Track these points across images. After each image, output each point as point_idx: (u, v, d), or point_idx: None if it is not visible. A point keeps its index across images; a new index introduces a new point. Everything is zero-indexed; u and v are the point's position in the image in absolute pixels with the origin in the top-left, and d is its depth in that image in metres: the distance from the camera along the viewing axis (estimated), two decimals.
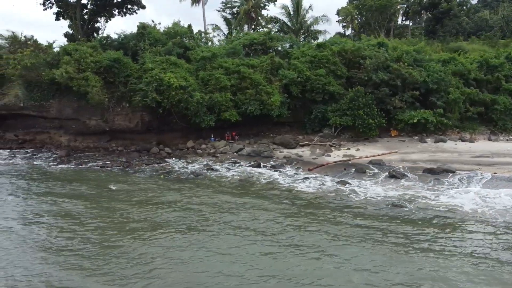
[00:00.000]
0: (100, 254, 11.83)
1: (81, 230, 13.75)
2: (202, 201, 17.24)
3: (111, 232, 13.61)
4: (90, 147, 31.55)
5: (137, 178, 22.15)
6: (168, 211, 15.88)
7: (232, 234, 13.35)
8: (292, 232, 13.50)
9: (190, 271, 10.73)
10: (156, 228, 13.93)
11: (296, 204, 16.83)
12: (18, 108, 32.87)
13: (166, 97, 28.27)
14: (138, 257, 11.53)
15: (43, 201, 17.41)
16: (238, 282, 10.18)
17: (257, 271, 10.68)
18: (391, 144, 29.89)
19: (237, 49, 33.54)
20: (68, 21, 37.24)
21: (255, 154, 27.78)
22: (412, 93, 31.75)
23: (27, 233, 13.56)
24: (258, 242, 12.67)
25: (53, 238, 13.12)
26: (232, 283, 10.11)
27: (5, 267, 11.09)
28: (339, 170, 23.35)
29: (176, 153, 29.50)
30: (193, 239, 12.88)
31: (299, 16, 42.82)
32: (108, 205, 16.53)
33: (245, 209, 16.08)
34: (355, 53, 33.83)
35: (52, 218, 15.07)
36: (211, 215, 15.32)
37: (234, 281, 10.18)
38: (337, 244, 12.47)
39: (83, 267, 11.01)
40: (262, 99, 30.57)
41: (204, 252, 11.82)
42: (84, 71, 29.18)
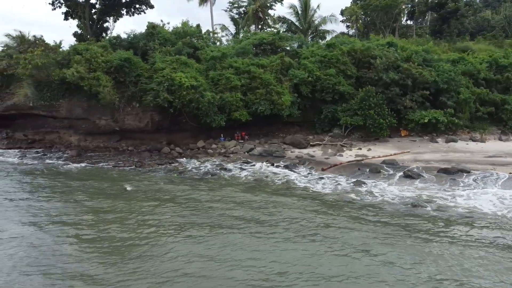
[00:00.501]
0: (132, 254, 11.85)
1: (107, 230, 13.76)
2: (224, 201, 17.26)
3: (139, 232, 13.59)
4: (100, 147, 31.50)
5: (152, 178, 22.14)
6: (194, 210, 15.88)
7: (263, 232, 13.43)
8: (321, 231, 13.60)
9: (235, 270, 10.82)
10: (185, 227, 13.94)
11: (317, 204, 16.80)
12: (28, 108, 32.81)
13: (177, 97, 28.23)
14: (172, 257, 11.55)
15: (66, 200, 17.47)
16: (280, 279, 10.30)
17: (297, 267, 10.84)
18: (402, 144, 29.83)
19: (247, 49, 33.51)
20: (77, 20, 37.18)
21: (267, 154, 27.74)
22: (423, 93, 31.69)
23: (56, 232, 13.63)
24: (290, 240, 12.80)
25: (81, 239, 13.12)
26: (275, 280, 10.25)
27: (35, 263, 11.15)
28: (353, 170, 23.33)
29: (187, 153, 29.46)
30: (228, 238, 12.94)
31: (307, 16, 42.77)
32: (129, 205, 16.48)
33: (267, 208, 16.11)
34: (364, 52, 33.76)
35: (75, 218, 15.07)
36: (236, 214, 15.36)
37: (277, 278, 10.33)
38: (367, 242, 12.57)
39: (117, 266, 11.06)
40: (273, 99, 30.53)
41: (242, 252, 11.89)
42: (95, 71, 29.13)
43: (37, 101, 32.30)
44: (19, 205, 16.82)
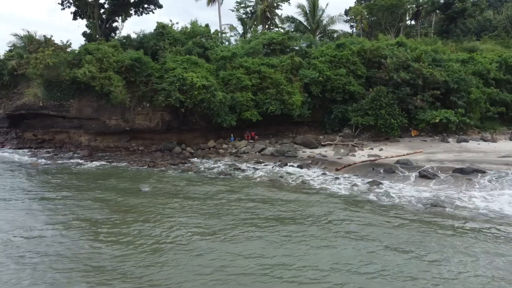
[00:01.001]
0: (169, 253, 11.88)
1: (136, 229, 13.79)
2: (245, 200, 17.33)
3: (169, 231, 13.62)
4: (110, 146, 31.47)
5: (169, 177, 22.11)
6: (218, 210, 15.93)
7: (292, 232, 13.53)
8: (350, 231, 13.71)
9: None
10: (214, 227, 13.94)
11: (338, 205, 16.74)
12: (38, 107, 32.77)
13: (188, 97, 28.19)
14: (216, 258, 11.55)
15: (90, 199, 17.47)
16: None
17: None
18: (413, 144, 29.78)
19: (257, 49, 33.46)
20: (85, 20, 37.12)
21: (279, 154, 27.69)
22: (433, 93, 31.66)
23: (86, 231, 13.68)
24: (320, 238, 12.98)
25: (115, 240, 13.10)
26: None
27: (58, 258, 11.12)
28: (367, 170, 23.27)
29: (198, 152, 29.44)
30: (260, 239, 12.98)
31: (315, 16, 42.72)
32: (153, 205, 16.48)
33: (290, 209, 16.13)
34: (374, 52, 33.77)
35: (102, 217, 15.07)
36: (260, 215, 15.38)
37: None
38: (402, 240, 12.81)
39: (161, 263, 11.09)
40: (283, 98, 30.53)
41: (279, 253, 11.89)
42: (106, 71, 29.07)
43: (47, 101, 32.27)
44: (45, 204, 16.89)
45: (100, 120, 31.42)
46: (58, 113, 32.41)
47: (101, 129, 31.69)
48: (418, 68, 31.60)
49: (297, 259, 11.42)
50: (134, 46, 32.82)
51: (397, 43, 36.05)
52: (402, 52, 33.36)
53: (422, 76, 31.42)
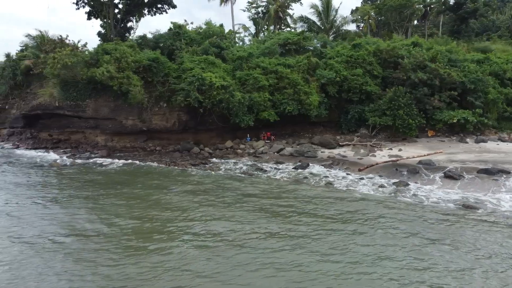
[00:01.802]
0: (208, 255, 11.78)
1: (174, 230, 13.76)
2: (276, 201, 17.16)
3: (210, 231, 13.56)
4: (127, 147, 31.42)
5: (193, 177, 22.00)
6: (254, 211, 15.80)
7: (336, 232, 13.52)
8: (388, 232, 13.60)
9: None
10: (256, 229, 13.85)
11: (369, 207, 16.65)
12: (53, 107, 32.71)
13: (207, 97, 28.14)
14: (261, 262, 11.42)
15: (125, 198, 17.40)
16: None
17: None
18: (431, 144, 29.72)
19: (273, 49, 33.42)
20: (99, 20, 37.09)
21: (298, 154, 27.64)
22: (451, 93, 31.61)
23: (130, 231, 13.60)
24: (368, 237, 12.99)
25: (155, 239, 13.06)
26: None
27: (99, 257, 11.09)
28: (390, 171, 23.22)
29: (216, 153, 29.39)
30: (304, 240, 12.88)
31: (329, 16, 42.68)
32: (186, 205, 16.40)
33: (325, 210, 16.00)
34: (390, 52, 33.70)
35: (141, 217, 15.02)
36: (308, 215, 15.36)
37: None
38: (445, 243, 12.72)
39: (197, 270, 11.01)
40: (301, 99, 30.49)
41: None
42: (124, 71, 29.01)
43: (63, 100, 32.22)
44: (86, 203, 16.96)
45: (117, 120, 31.36)
46: (74, 113, 32.33)
47: (118, 129, 31.62)
48: (435, 69, 31.54)
49: (370, 261, 11.40)
50: (150, 46, 32.76)
51: (412, 43, 35.98)
52: (419, 52, 33.29)
53: (439, 76, 31.36)
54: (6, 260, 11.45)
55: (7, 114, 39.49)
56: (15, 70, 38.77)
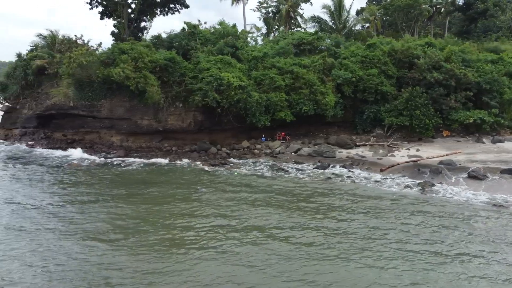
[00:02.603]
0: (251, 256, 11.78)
1: (213, 230, 13.71)
2: (309, 201, 17.24)
3: (255, 231, 13.63)
4: (142, 147, 31.29)
5: (217, 178, 21.94)
6: (290, 211, 15.87)
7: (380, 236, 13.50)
8: (431, 232, 13.73)
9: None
10: (297, 230, 13.91)
11: (403, 207, 16.68)
12: (68, 107, 32.56)
13: (225, 97, 28.06)
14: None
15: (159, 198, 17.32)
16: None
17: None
18: (448, 144, 29.73)
19: (287, 49, 33.37)
20: (112, 20, 36.99)
21: (317, 154, 27.59)
22: (466, 94, 31.63)
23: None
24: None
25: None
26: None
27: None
28: (413, 171, 23.22)
29: (233, 153, 29.30)
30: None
31: (341, 16, 42.68)
32: (221, 205, 16.41)
33: (359, 211, 15.99)
34: (405, 52, 33.68)
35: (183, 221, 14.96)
36: (328, 215, 15.31)
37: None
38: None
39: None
40: (317, 99, 30.43)
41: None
42: (141, 70, 28.91)
43: (77, 100, 32.06)
44: (115, 204, 16.98)
45: (132, 120, 31.22)
46: (88, 113, 32.19)
47: (133, 129, 31.49)
48: (451, 69, 31.56)
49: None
50: (164, 46, 32.66)
51: (426, 43, 35.98)
52: (434, 52, 33.29)
53: (455, 76, 31.38)
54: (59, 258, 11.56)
55: (18, 114, 39.31)
56: (26, 70, 38.61)
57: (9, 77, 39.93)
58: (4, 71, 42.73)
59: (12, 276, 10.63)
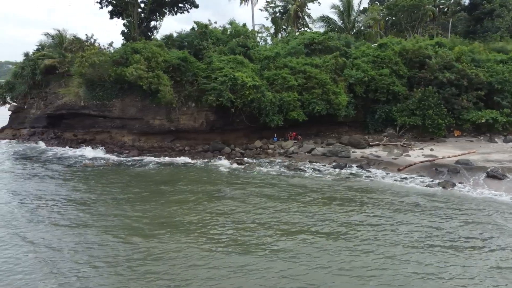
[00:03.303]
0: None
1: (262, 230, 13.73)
2: (336, 201, 17.22)
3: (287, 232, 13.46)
4: (154, 147, 31.16)
5: (239, 177, 21.87)
6: (319, 211, 15.82)
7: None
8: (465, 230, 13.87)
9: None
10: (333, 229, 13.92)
11: (431, 206, 16.73)
12: (79, 107, 32.44)
13: (239, 97, 28.01)
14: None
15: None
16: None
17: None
18: (461, 144, 29.75)
19: (298, 49, 33.35)
20: (121, 19, 36.85)
21: (331, 154, 27.56)
22: (478, 93, 31.71)
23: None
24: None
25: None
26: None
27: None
28: (430, 171, 23.23)
29: (247, 152, 29.22)
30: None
31: (350, 16, 42.73)
32: (249, 206, 16.37)
33: (385, 210, 15.98)
34: (416, 52, 33.72)
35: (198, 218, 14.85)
36: (359, 215, 15.34)
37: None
38: None
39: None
40: (329, 98, 30.42)
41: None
42: (154, 70, 28.80)
43: (88, 100, 31.96)
44: (139, 205, 16.83)
45: (144, 120, 31.11)
46: (100, 113, 32.07)
47: (145, 129, 31.37)
48: (463, 69, 31.62)
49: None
50: (175, 45, 32.56)
51: (437, 43, 36.05)
52: (445, 52, 33.35)
53: (467, 76, 31.45)
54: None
55: (26, 114, 39.15)
56: (34, 70, 38.43)
57: (17, 76, 39.77)
58: (10, 70, 42.54)
59: (62, 268, 10.92)
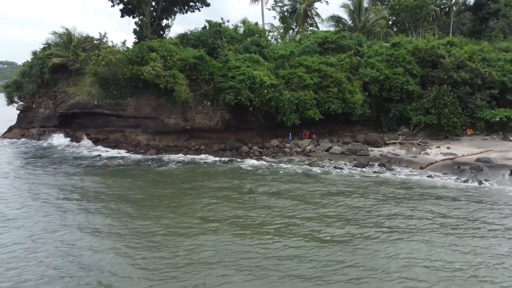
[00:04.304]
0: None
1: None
2: (377, 200, 17.19)
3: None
4: (170, 146, 30.91)
5: (263, 176, 21.82)
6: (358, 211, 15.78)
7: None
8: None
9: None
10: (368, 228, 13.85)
11: (469, 202, 16.88)
12: (92, 106, 32.13)
13: (257, 95, 27.94)
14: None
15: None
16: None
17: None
18: (476, 142, 29.99)
19: (312, 48, 33.38)
20: (132, 18, 36.54)
21: (350, 152, 27.61)
22: (491, 92, 32.00)
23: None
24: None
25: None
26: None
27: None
28: (452, 169, 23.37)
29: (265, 151, 29.13)
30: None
31: (360, 15, 42.85)
32: (281, 207, 16.22)
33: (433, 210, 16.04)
34: (429, 51, 33.92)
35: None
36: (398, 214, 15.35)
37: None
38: None
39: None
40: (345, 97, 30.48)
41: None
42: (170, 69, 28.63)
43: (102, 99, 31.68)
44: (172, 205, 16.60)
45: (159, 119, 30.89)
46: (113, 112, 31.80)
47: (160, 128, 31.14)
48: (476, 68, 31.88)
49: None
50: (190, 44, 32.39)
51: (448, 42, 36.31)
52: (458, 51, 33.60)
53: (481, 75, 31.71)
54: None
55: (35, 113, 38.65)
56: (42, 69, 37.99)
57: (25, 75, 39.28)
58: (16, 70, 42.06)
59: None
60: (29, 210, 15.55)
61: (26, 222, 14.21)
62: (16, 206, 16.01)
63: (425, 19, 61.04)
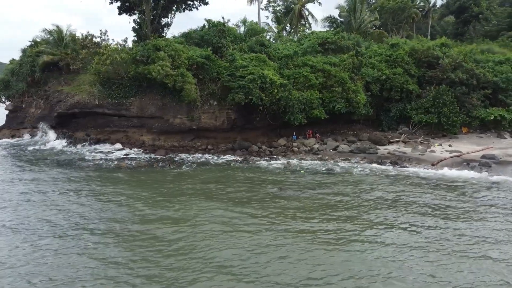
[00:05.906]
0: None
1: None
2: (404, 198, 17.59)
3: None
4: (175, 146, 30.51)
5: (287, 176, 21.89)
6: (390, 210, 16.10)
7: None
8: None
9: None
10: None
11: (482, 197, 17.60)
12: (93, 106, 31.32)
13: (267, 95, 28.01)
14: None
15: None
16: None
17: None
18: (474, 140, 31.22)
19: (314, 48, 33.77)
20: (129, 16, 35.80)
21: (359, 151, 28.12)
22: (485, 92, 33.41)
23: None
24: None
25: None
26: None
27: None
28: (462, 165, 24.24)
29: (274, 151, 29.22)
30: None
31: (356, 16, 43.62)
32: (308, 208, 16.35)
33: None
34: (425, 52, 35.03)
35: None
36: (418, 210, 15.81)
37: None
38: None
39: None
40: (349, 97, 31.01)
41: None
42: (178, 68, 28.27)
43: (103, 99, 30.91)
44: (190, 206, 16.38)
45: (164, 119, 30.45)
46: (116, 111, 31.10)
47: (165, 128, 30.69)
48: (472, 68, 33.21)
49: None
50: (193, 43, 32.06)
51: (442, 44, 37.62)
52: (453, 52, 34.87)
53: (476, 76, 33.06)
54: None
55: (25, 113, 37.24)
56: (32, 67, 36.64)
57: (14, 74, 37.72)
58: (5, 68, 40.27)
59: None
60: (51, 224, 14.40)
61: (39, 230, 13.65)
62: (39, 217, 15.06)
63: (406, 21, 62.98)
